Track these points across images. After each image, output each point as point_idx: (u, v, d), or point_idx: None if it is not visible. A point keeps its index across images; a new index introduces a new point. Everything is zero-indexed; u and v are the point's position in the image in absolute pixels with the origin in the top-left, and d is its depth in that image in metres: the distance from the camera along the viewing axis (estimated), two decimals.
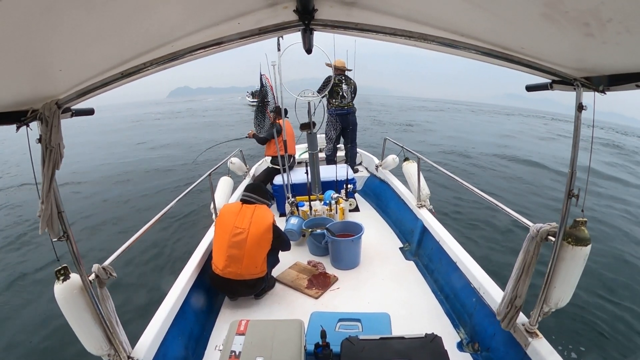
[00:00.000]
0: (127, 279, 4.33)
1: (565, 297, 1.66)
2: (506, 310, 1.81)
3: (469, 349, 2.20)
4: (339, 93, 5.09)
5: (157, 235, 5.53)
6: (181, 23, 1.07)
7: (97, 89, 1.25)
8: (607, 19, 0.74)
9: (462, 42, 1.21)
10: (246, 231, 2.58)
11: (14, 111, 1.17)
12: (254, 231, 2.59)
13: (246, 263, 2.58)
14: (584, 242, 1.53)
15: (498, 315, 1.90)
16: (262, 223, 2.64)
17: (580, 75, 1.27)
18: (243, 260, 2.57)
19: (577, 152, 1.46)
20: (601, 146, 17.77)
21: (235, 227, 2.60)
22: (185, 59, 1.30)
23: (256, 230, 2.60)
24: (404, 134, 18.74)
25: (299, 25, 1.26)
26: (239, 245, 2.56)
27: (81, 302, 1.51)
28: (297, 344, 1.70)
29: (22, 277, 4.68)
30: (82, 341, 1.58)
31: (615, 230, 5.87)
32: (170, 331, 2.17)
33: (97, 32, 0.88)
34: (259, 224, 2.63)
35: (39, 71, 1.00)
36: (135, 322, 2.65)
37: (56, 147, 1.21)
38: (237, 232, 2.58)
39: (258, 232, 2.60)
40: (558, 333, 3.07)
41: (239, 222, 2.62)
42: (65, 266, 1.48)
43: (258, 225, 2.62)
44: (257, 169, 5.50)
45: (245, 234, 2.57)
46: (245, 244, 2.56)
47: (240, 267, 2.57)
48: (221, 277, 2.60)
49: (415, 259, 3.25)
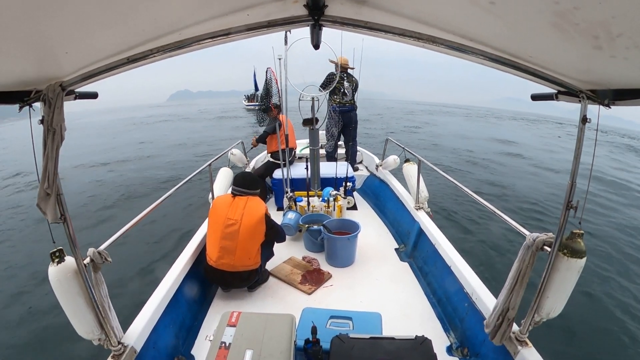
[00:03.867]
0: (121, 265, 4.34)
1: (558, 308, 1.66)
2: (497, 323, 1.77)
3: (458, 354, 2.21)
4: (340, 90, 5.08)
5: (154, 224, 5.54)
6: (190, 12, 1.07)
7: (102, 72, 1.25)
8: (617, 33, 0.74)
9: (471, 46, 1.21)
10: (238, 222, 2.58)
11: (17, 91, 1.17)
12: (247, 222, 2.59)
13: (239, 254, 2.58)
14: (579, 255, 1.53)
15: (487, 327, 1.86)
16: (254, 214, 2.64)
17: (586, 87, 1.26)
18: (236, 252, 2.58)
19: (578, 164, 1.46)
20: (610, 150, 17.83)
21: (227, 218, 2.60)
22: (192, 48, 1.29)
23: (248, 222, 2.60)
24: (402, 135, 18.75)
25: (309, 20, 1.25)
26: (232, 236, 2.57)
27: (75, 285, 1.51)
28: (288, 339, 1.70)
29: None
30: (74, 324, 1.58)
31: (609, 241, 5.88)
32: (162, 319, 2.18)
33: (105, 17, 0.88)
34: (252, 215, 2.63)
35: (44, 52, 0.99)
36: (128, 308, 2.66)
37: (58, 129, 1.21)
38: (229, 224, 2.58)
39: (250, 223, 2.60)
40: (548, 343, 3.08)
41: (231, 214, 2.62)
42: (61, 248, 1.48)
43: (250, 217, 2.62)
44: (258, 162, 5.50)
45: (237, 225, 2.58)
46: (238, 235, 2.57)
47: (234, 259, 2.57)
48: (215, 268, 2.61)
49: (410, 261, 3.26)
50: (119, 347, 1.75)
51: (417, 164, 3.69)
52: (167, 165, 10.70)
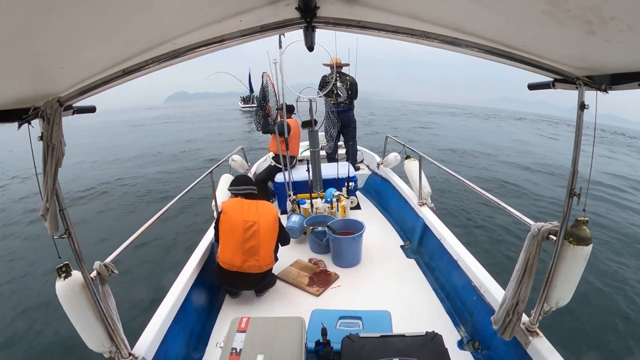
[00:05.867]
0: (128, 276, 4.35)
1: (566, 296, 1.66)
2: (506, 318, 1.75)
3: (469, 348, 2.20)
4: (333, 91, 5.06)
5: (158, 233, 5.55)
6: (182, 20, 1.07)
7: (98, 86, 1.25)
8: (610, 17, 0.74)
9: (465, 39, 1.21)
10: (257, 223, 2.64)
11: (15, 109, 1.17)
12: (265, 222, 2.67)
13: (263, 254, 2.65)
14: (585, 242, 1.52)
15: (495, 324, 1.84)
16: (269, 214, 2.73)
17: (582, 74, 1.26)
18: (260, 252, 2.63)
19: (579, 151, 1.46)
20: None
21: (245, 221, 2.63)
22: (187, 57, 1.30)
23: (266, 221, 2.68)
24: (403, 133, 18.72)
25: (301, 22, 1.26)
26: (254, 237, 2.61)
27: (82, 299, 1.51)
28: (298, 342, 1.70)
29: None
30: (84, 338, 1.58)
31: (617, 230, 5.86)
32: (172, 328, 2.18)
33: (98, 31, 0.88)
34: (267, 215, 2.71)
35: (40, 69, 0.99)
36: (137, 319, 2.66)
37: (58, 145, 1.21)
38: (248, 226, 2.62)
39: (268, 222, 2.69)
40: (558, 332, 3.06)
41: (247, 216, 2.65)
42: (67, 263, 1.49)
43: (267, 217, 2.70)
44: (259, 167, 5.50)
45: (257, 226, 2.64)
46: (260, 235, 2.63)
47: (259, 259, 2.63)
48: (238, 272, 2.61)
49: (416, 257, 3.25)
50: (130, 359, 1.75)
51: (418, 160, 3.68)
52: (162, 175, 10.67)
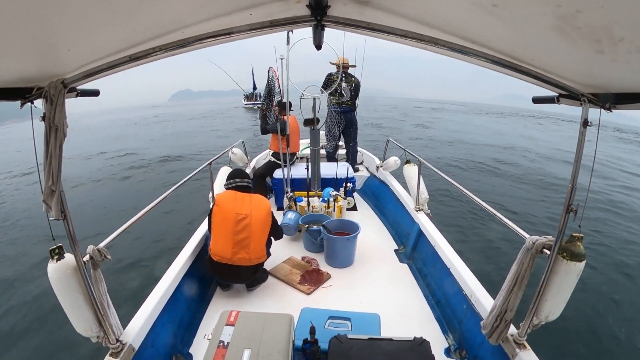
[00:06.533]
0: (121, 263, 4.35)
1: (556, 311, 1.67)
2: (494, 324, 1.78)
3: (456, 356, 2.21)
4: (337, 90, 5.06)
5: (154, 222, 5.54)
6: (193, 10, 1.07)
7: (104, 70, 1.25)
8: (619, 37, 0.74)
9: (472, 48, 1.21)
10: (249, 216, 2.64)
11: (19, 87, 1.17)
12: (257, 215, 2.66)
13: (253, 247, 2.64)
14: (578, 258, 1.53)
15: (484, 328, 1.87)
16: (262, 208, 2.72)
17: (587, 91, 1.26)
18: (250, 245, 2.63)
19: (578, 167, 1.46)
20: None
21: (237, 213, 2.63)
22: (194, 47, 1.29)
23: (258, 215, 2.67)
24: (402, 134, 18.74)
25: (311, 20, 1.25)
26: (245, 230, 2.61)
27: (74, 282, 1.51)
28: (286, 339, 1.70)
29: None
30: (72, 322, 1.58)
31: (610, 246, 5.88)
32: (161, 317, 2.18)
33: (108, 15, 0.88)
34: (260, 209, 2.70)
35: (47, 50, 0.99)
36: (127, 306, 2.66)
37: (60, 126, 1.21)
38: (240, 218, 2.62)
39: (261, 216, 2.68)
40: (546, 348, 3.08)
41: (240, 209, 2.65)
42: (60, 245, 1.48)
43: (259, 210, 2.69)
44: (258, 161, 5.50)
45: (249, 219, 2.63)
46: (251, 228, 2.63)
47: (249, 252, 2.62)
48: (228, 265, 2.61)
49: (409, 262, 3.26)
50: (117, 345, 1.75)
51: (417, 165, 3.68)
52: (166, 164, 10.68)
